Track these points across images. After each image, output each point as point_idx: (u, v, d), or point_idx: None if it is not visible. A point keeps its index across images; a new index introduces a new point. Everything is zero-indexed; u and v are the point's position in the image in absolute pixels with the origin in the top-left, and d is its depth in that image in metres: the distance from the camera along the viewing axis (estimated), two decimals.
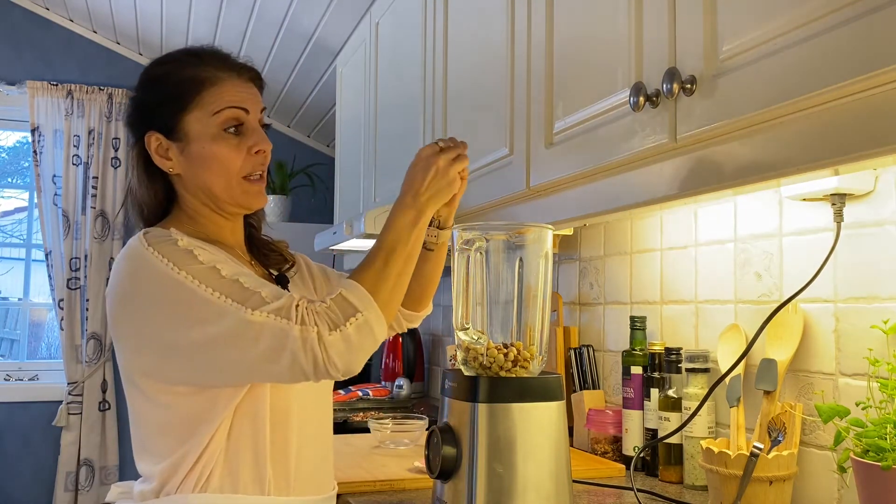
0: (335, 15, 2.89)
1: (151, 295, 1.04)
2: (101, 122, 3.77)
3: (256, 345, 0.99)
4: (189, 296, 1.01)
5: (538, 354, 1.17)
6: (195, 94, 1.13)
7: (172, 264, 1.02)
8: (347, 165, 2.94)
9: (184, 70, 1.14)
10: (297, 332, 0.98)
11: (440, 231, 1.32)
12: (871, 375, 1.15)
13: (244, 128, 1.15)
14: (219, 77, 1.14)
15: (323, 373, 1.00)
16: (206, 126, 1.12)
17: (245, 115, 1.14)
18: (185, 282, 1.01)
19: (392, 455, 1.78)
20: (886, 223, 1.19)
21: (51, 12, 3.78)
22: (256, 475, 1.09)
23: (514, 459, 1.09)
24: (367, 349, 1.03)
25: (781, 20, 0.88)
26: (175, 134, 1.13)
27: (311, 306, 1.00)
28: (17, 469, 3.71)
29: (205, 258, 1.04)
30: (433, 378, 3.08)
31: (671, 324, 1.66)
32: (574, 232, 2.02)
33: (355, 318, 1.01)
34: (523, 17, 1.50)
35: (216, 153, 1.12)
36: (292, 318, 0.98)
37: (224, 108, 1.12)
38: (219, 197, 1.15)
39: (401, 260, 1.09)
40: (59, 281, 3.68)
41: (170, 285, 1.02)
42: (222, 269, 1.03)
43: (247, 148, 1.14)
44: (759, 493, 1.21)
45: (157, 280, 1.03)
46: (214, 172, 1.13)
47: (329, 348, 0.98)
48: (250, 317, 0.99)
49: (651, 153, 1.11)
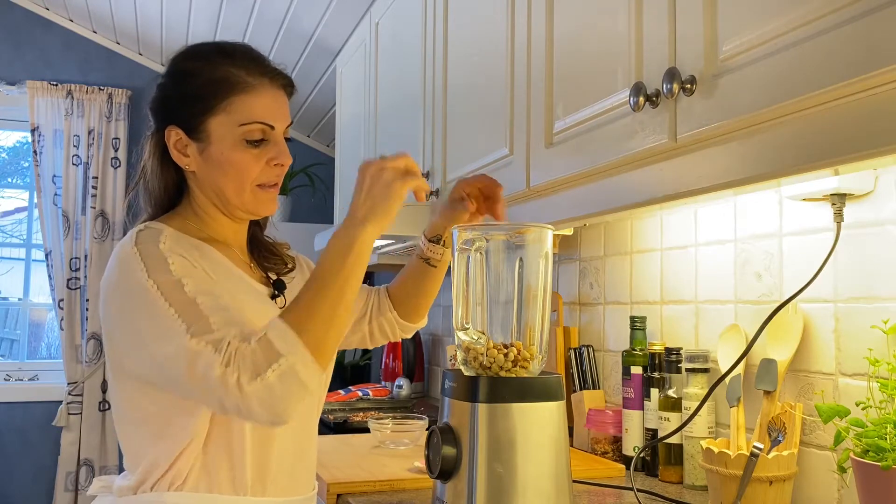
0: (335, 15, 2.89)
1: (122, 296, 1.04)
2: (101, 122, 3.77)
3: (192, 371, 0.95)
4: (150, 306, 1.00)
5: (538, 354, 1.17)
6: (223, 98, 1.10)
7: (146, 270, 1.01)
8: (347, 165, 2.94)
9: (215, 70, 1.11)
10: (218, 373, 0.93)
11: (445, 249, 1.32)
12: (871, 375, 1.15)
13: (267, 140, 1.13)
14: (250, 84, 1.11)
15: (248, 419, 0.96)
16: (228, 133, 1.11)
17: (270, 130, 1.13)
18: (150, 291, 1.00)
19: (392, 455, 1.78)
20: (886, 223, 1.19)
21: (51, 12, 3.78)
22: (232, 475, 1.09)
23: (514, 459, 1.09)
24: (295, 397, 0.95)
25: (781, 20, 0.88)
26: (196, 133, 1.12)
27: (239, 347, 0.94)
28: (17, 469, 3.71)
29: (176, 269, 1.02)
30: (433, 378, 3.08)
31: (671, 324, 1.66)
32: (574, 232, 2.02)
33: (278, 365, 0.93)
34: (523, 17, 1.50)
35: (234, 160, 1.11)
36: (221, 356, 0.94)
37: (252, 122, 1.10)
38: (230, 202, 1.14)
39: (334, 290, 0.98)
40: (59, 281, 3.68)
41: (137, 291, 1.01)
42: (187, 284, 1.00)
43: (266, 159, 1.13)
44: (759, 493, 1.21)
45: (129, 283, 1.03)
46: (229, 178, 1.12)
47: (249, 399, 0.93)
48: (188, 342, 0.95)
49: (651, 153, 1.11)
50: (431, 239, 1.34)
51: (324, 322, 0.97)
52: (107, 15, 3.57)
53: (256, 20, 3.10)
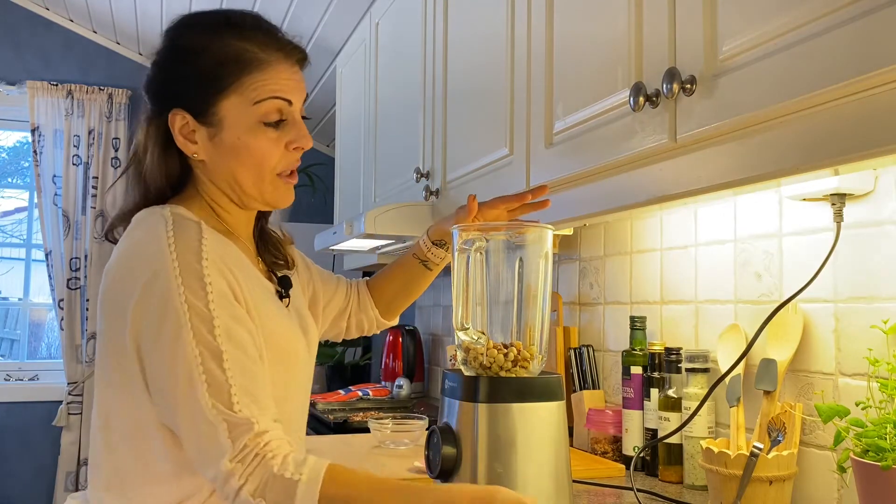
0: (335, 15, 2.89)
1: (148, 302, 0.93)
2: (101, 122, 3.77)
3: (197, 437, 0.90)
4: (173, 329, 0.90)
5: (538, 354, 1.17)
6: (236, 77, 1.00)
7: (181, 283, 0.92)
8: (347, 165, 2.94)
9: (225, 46, 1.01)
10: (226, 467, 0.87)
11: (447, 254, 1.31)
12: (870, 375, 1.15)
13: (285, 120, 1.04)
14: (264, 60, 1.02)
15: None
16: (244, 115, 1.01)
17: (288, 106, 1.03)
18: (180, 314, 0.91)
19: (392, 455, 1.78)
20: (886, 223, 1.19)
21: (51, 12, 3.78)
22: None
23: (514, 459, 1.09)
24: None
25: (781, 20, 0.88)
26: (206, 118, 1.01)
27: (261, 451, 0.88)
28: (17, 469, 3.71)
29: (213, 297, 0.93)
30: (433, 378, 3.08)
31: (671, 324, 1.66)
32: (574, 232, 2.02)
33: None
34: (523, 17, 1.50)
35: (252, 146, 1.01)
36: (236, 447, 0.87)
37: (267, 97, 1.01)
38: (247, 192, 1.05)
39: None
40: (59, 281, 3.68)
41: (161, 309, 0.92)
42: (218, 326, 0.91)
43: (286, 143, 1.04)
44: (759, 493, 1.21)
45: (160, 289, 0.92)
46: (247, 166, 1.02)
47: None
48: (206, 412, 0.89)
49: (651, 153, 1.11)
50: (436, 241, 1.33)
51: None
52: (107, 15, 3.57)
53: None
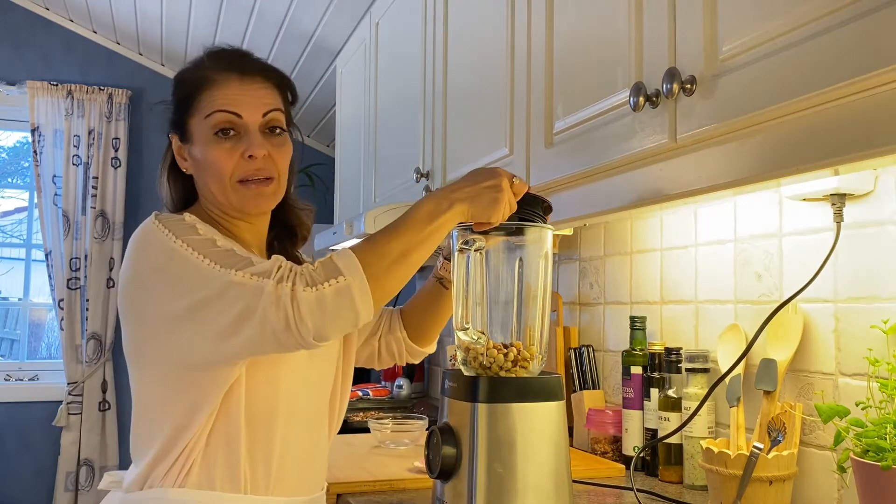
0: (335, 15, 2.89)
1: (152, 265, 1.06)
2: (101, 122, 3.77)
3: (236, 304, 0.98)
4: (182, 263, 1.02)
5: (538, 354, 1.17)
6: (195, 96, 1.13)
7: (172, 234, 1.04)
8: (347, 165, 2.94)
9: (194, 72, 1.15)
10: (271, 287, 0.96)
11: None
12: (870, 375, 1.15)
13: (237, 132, 1.12)
14: (215, 79, 1.13)
15: (294, 333, 0.96)
16: (201, 129, 1.12)
17: (237, 119, 1.12)
18: (181, 250, 1.03)
19: (392, 455, 1.78)
20: (886, 223, 1.19)
21: (51, 12, 3.78)
22: (230, 473, 1.08)
23: (514, 459, 1.09)
24: (344, 317, 0.98)
25: (781, 20, 0.88)
26: (185, 136, 1.16)
27: (295, 266, 0.99)
28: (17, 469, 3.71)
29: (203, 231, 1.06)
30: (433, 378, 3.08)
31: (671, 324, 1.66)
32: (574, 232, 2.02)
33: (336, 281, 0.97)
34: (523, 17, 1.50)
35: (209, 157, 1.12)
36: (271, 277, 0.97)
37: (215, 111, 1.11)
38: (218, 199, 1.14)
39: (406, 241, 1.03)
40: (59, 281, 3.68)
41: (167, 254, 1.04)
42: (218, 239, 1.05)
43: (240, 152, 1.12)
44: (759, 493, 1.21)
45: (157, 250, 1.05)
46: (210, 175, 1.13)
47: (301, 304, 0.95)
48: (234, 277, 0.99)
49: (651, 153, 1.11)
50: (447, 257, 1.33)
51: (388, 265, 1.01)
52: (107, 15, 3.57)
53: (256, 20, 3.10)
